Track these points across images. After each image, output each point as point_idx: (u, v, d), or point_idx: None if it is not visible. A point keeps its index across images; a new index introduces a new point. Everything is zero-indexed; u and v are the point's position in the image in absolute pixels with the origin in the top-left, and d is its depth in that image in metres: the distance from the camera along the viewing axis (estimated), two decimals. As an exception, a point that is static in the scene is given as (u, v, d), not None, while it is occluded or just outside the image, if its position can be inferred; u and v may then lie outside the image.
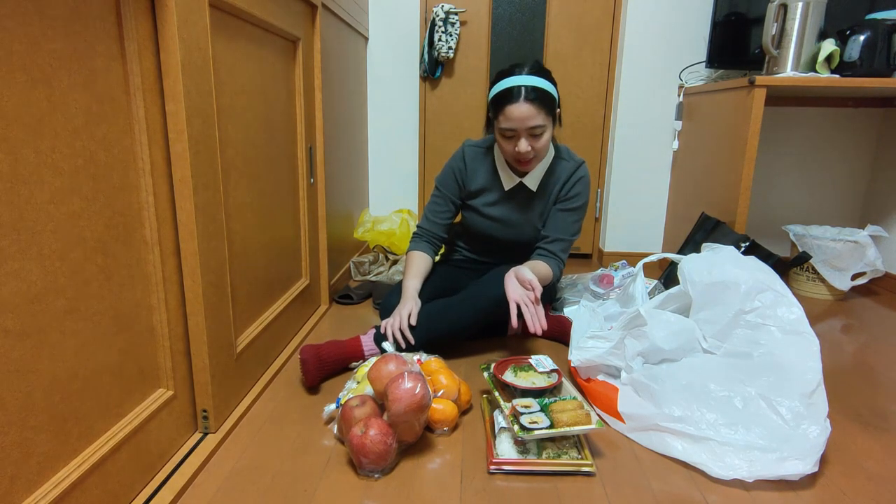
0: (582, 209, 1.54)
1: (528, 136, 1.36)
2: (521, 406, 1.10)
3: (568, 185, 1.51)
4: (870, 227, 2.06)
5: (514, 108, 1.33)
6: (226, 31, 1.12)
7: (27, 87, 0.67)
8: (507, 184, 1.53)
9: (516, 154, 1.39)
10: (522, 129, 1.35)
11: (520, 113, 1.33)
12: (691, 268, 1.30)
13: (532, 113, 1.33)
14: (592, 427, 1.04)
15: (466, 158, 1.55)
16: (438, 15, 2.35)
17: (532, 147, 1.37)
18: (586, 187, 1.53)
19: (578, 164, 1.53)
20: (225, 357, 1.13)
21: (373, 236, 2.28)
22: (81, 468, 0.78)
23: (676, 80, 2.39)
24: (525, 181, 1.51)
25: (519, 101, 1.33)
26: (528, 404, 1.11)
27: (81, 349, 0.78)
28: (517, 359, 1.29)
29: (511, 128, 1.36)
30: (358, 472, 1.02)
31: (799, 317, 1.16)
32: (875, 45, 1.84)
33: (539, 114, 1.34)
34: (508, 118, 1.35)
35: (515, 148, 1.38)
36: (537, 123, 1.35)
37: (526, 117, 1.33)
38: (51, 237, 0.72)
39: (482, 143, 1.57)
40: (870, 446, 1.15)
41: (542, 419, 1.06)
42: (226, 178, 1.13)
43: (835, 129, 2.44)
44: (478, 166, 1.55)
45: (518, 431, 1.03)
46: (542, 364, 1.24)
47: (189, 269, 1.00)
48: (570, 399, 1.12)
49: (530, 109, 1.33)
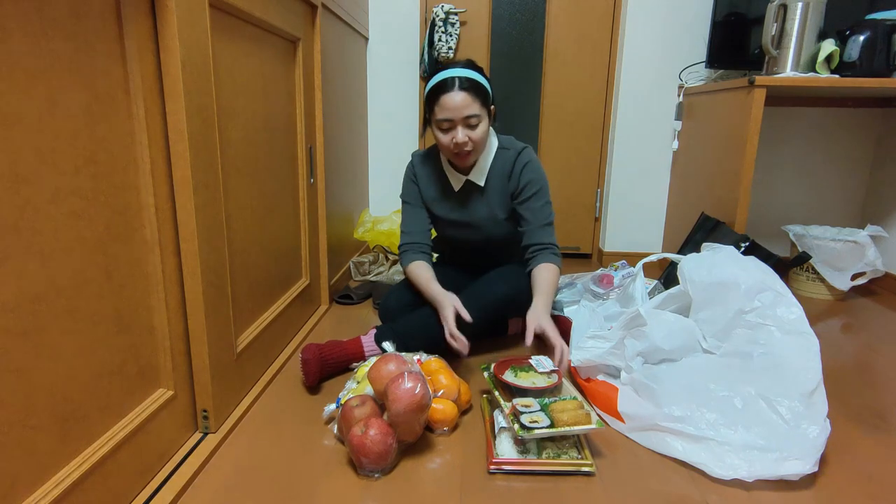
0: (543, 192, 1.51)
1: (464, 126, 1.36)
2: (522, 405, 1.10)
3: (516, 177, 1.50)
4: (870, 227, 2.06)
5: (450, 98, 1.34)
6: (226, 31, 1.12)
7: (27, 87, 0.67)
8: (456, 184, 1.52)
9: (454, 146, 1.38)
10: (458, 118, 1.35)
11: (455, 102, 1.33)
12: (691, 268, 1.30)
13: (467, 101, 1.34)
14: (593, 427, 1.05)
15: (416, 167, 1.56)
16: (438, 15, 2.35)
17: (469, 138, 1.37)
18: (535, 170, 1.50)
19: (519, 151, 1.51)
20: (225, 357, 1.13)
21: (373, 236, 2.28)
22: (82, 468, 0.78)
23: (676, 80, 2.39)
24: (471, 178, 1.50)
25: (454, 90, 1.33)
26: (529, 404, 1.11)
27: (81, 349, 0.78)
28: (517, 359, 1.29)
29: (447, 118, 1.35)
30: (358, 472, 1.02)
31: (799, 317, 1.16)
32: (875, 45, 1.84)
33: (474, 103, 1.35)
34: (444, 108, 1.35)
35: (453, 139, 1.37)
36: (472, 113, 1.35)
37: (461, 106, 1.34)
38: (51, 237, 0.72)
39: (427, 151, 1.58)
40: (870, 446, 1.15)
41: (542, 418, 1.06)
42: (226, 178, 1.13)
43: (835, 129, 2.44)
44: (426, 172, 1.55)
45: (518, 431, 1.03)
46: (542, 364, 1.24)
47: (189, 269, 1.00)
48: (570, 399, 1.12)
49: (465, 98, 1.34)
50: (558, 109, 2.53)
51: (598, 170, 2.59)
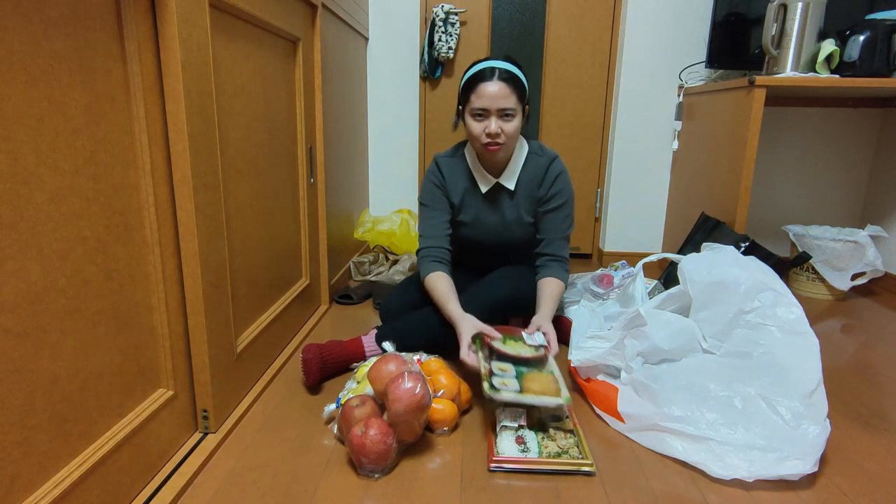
0: (568, 204, 1.52)
1: (498, 117, 1.36)
2: (498, 368, 1.15)
3: (546, 185, 1.50)
4: (870, 227, 2.06)
5: (488, 86, 1.34)
6: (226, 31, 1.12)
7: (27, 87, 0.67)
8: (484, 186, 1.51)
9: (485, 136, 1.37)
10: (494, 108, 1.35)
11: (493, 91, 1.33)
12: (691, 268, 1.30)
13: (505, 92, 1.34)
14: (558, 400, 1.08)
15: (443, 169, 1.53)
16: (438, 15, 2.35)
17: (501, 130, 1.36)
18: (566, 182, 1.51)
19: (552, 159, 1.51)
20: (225, 357, 1.13)
21: (373, 236, 2.28)
22: (82, 468, 0.78)
23: (676, 80, 2.39)
24: (501, 181, 1.50)
25: (493, 80, 1.34)
26: (505, 368, 1.16)
27: (81, 349, 0.78)
28: (512, 329, 1.31)
29: (483, 107, 1.35)
30: (358, 472, 1.02)
31: (799, 317, 1.16)
32: (875, 46, 1.84)
33: (511, 96, 1.35)
34: (481, 96, 1.35)
35: (485, 129, 1.36)
36: (509, 105, 1.35)
37: (499, 96, 1.34)
38: (51, 237, 0.72)
39: (451, 152, 1.56)
40: (870, 446, 1.15)
41: (512, 383, 1.10)
42: (226, 178, 1.13)
43: (835, 129, 2.44)
44: (454, 174, 1.53)
45: (487, 389, 1.08)
46: (532, 339, 1.28)
47: (189, 269, 1.00)
48: (546, 373, 1.15)
49: (504, 89, 1.34)
50: (558, 109, 2.53)
51: (598, 170, 2.59)
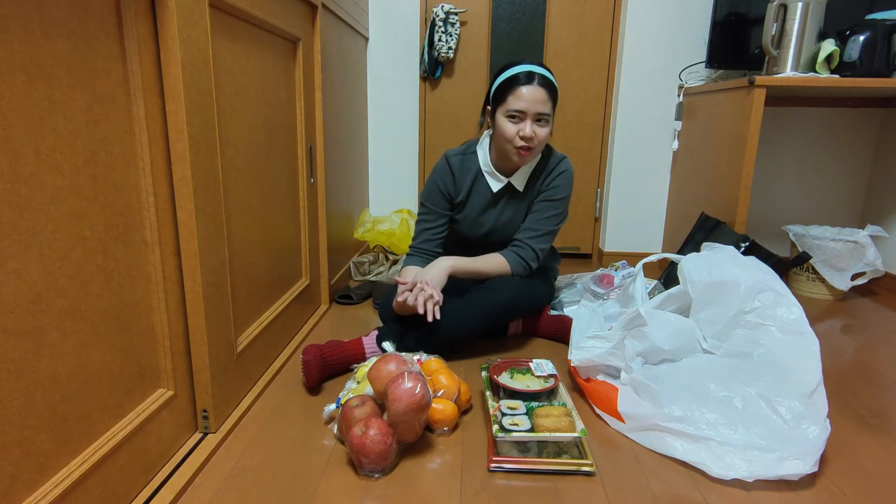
0: (561, 203, 1.53)
1: (534, 121, 1.38)
2: (507, 407, 1.12)
3: (550, 178, 1.52)
4: (869, 227, 2.06)
5: (529, 90, 1.36)
6: (226, 31, 1.12)
7: (27, 87, 0.67)
8: (495, 186, 1.52)
9: (519, 139, 1.39)
10: (531, 112, 1.37)
11: (534, 95, 1.36)
12: (691, 268, 1.30)
13: (544, 98, 1.37)
14: (575, 435, 1.04)
15: (453, 168, 1.54)
16: (438, 15, 2.35)
17: (535, 134, 1.39)
18: (567, 181, 1.53)
19: (561, 158, 1.54)
20: (225, 357, 1.13)
21: (373, 236, 2.28)
22: (81, 468, 0.78)
23: (676, 80, 2.39)
24: (512, 181, 1.51)
25: (534, 84, 1.37)
26: (515, 406, 1.12)
27: (81, 349, 0.78)
28: (517, 361, 1.29)
29: (521, 109, 1.37)
30: (358, 472, 1.02)
31: (799, 317, 1.16)
32: (875, 46, 1.84)
33: (548, 102, 1.39)
34: (520, 98, 1.37)
35: (520, 132, 1.38)
36: (545, 111, 1.38)
37: (538, 100, 1.37)
38: (51, 237, 0.72)
39: (462, 150, 1.57)
40: (870, 446, 1.15)
41: (523, 422, 1.07)
42: (226, 178, 1.13)
43: (835, 129, 2.44)
44: (465, 173, 1.55)
45: (496, 431, 1.04)
46: (540, 368, 1.25)
47: (189, 269, 1.00)
48: (558, 405, 1.12)
49: (543, 95, 1.37)
50: (558, 109, 2.52)
51: (598, 170, 2.59)
